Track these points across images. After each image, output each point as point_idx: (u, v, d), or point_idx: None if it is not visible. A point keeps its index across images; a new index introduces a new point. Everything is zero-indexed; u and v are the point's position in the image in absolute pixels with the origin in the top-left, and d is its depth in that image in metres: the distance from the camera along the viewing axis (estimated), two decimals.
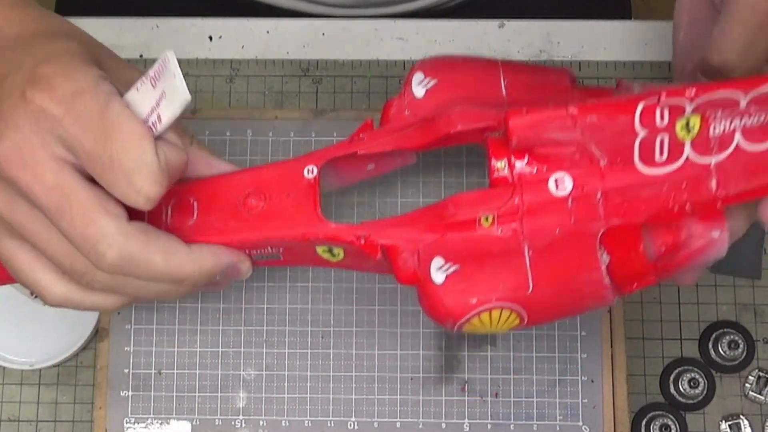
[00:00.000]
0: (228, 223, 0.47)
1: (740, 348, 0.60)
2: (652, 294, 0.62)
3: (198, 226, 0.47)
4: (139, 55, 0.65)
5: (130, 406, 0.59)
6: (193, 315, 0.60)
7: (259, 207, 0.48)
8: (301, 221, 0.47)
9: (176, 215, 0.48)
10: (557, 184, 0.44)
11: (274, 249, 0.49)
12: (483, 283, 0.44)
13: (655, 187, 0.44)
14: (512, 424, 0.58)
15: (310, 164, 0.48)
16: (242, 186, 0.49)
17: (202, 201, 0.48)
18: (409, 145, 0.48)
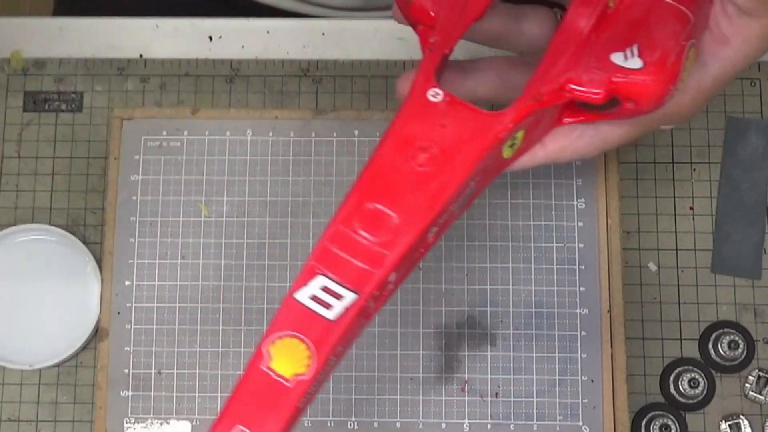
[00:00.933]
0: (425, 191, 0.42)
1: (740, 348, 0.60)
2: (652, 294, 0.62)
3: (401, 220, 0.42)
4: (139, 55, 0.65)
5: (130, 406, 0.59)
6: (193, 315, 0.60)
7: (430, 152, 0.43)
8: (478, 131, 0.43)
9: (374, 228, 0.43)
10: None
11: (471, 186, 0.44)
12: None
13: None
14: (512, 424, 0.58)
15: (429, 89, 0.44)
16: (395, 156, 0.43)
17: (385, 198, 0.43)
18: (478, 10, 0.45)
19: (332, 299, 0.42)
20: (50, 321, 0.61)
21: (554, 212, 0.61)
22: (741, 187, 0.63)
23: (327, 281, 0.42)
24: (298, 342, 0.41)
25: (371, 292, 0.42)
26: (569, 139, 0.47)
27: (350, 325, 0.41)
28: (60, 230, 0.62)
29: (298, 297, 0.42)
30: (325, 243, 0.42)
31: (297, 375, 0.41)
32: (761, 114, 0.64)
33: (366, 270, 0.42)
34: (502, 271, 0.60)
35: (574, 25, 0.44)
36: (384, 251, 0.42)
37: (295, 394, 0.41)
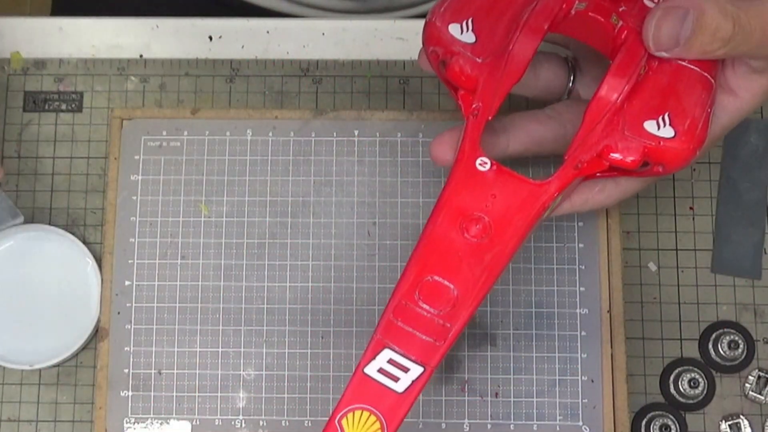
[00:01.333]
0: (480, 263, 0.44)
1: (740, 348, 0.60)
2: (652, 294, 0.62)
3: (460, 292, 0.45)
4: (139, 55, 0.65)
5: (130, 406, 0.59)
6: (193, 315, 0.60)
7: (483, 223, 0.45)
8: (527, 201, 0.45)
9: (434, 301, 0.45)
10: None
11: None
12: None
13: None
14: (512, 424, 0.58)
15: (477, 158, 0.45)
16: (449, 228, 0.45)
17: (443, 271, 0.44)
18: (517, 75, 0.46)
19: (399, 372, 0.44)
20: (50, 321, 0.61)
21: None
22: (741, 187, 0.63)
23: (393, 354, 0.44)
24: (369, 414, 0.43)
25: (436, 365, 0.44)
26: (592, 192, 0.50)
27: (417, 396, 0.43)
28: (60, 230, 0.62)
29: (367, 371, 0.44)
30: (389, 317, 0.44)
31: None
32: (761, 114, 0.64)
33: (431, 343, 0.44)
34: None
35: (609, 94, 0.46)
36: (446, 324, 0.44)
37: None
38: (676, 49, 0.45)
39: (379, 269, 0.60)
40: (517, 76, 0.47)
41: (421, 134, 0.62)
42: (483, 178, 0.45)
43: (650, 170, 0.47)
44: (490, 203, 0.45)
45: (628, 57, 0.46)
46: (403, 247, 0.60)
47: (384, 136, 0.62)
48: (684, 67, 0.46)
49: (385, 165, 0.62)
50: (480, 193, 0.45)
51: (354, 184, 0.61)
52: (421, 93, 0.64)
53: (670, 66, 0.46)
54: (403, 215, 0.61)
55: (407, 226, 0.61)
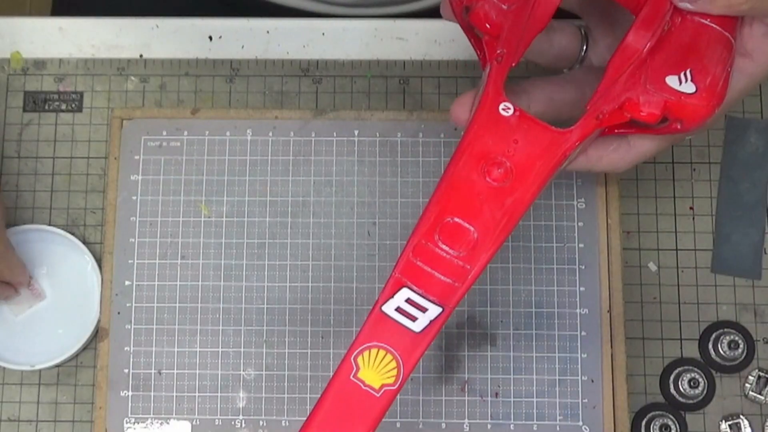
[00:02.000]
0: (501, 206, 0.44)
1: (740, 348, 0.60)
2: (652, 294, 0.62)
3: (480, 234, 0.44)
4: (139, 55, 0.65)
5: (130, 406, 0.59)
6: (193, 315, 0.60)
7: (504, 167, 0.45)
8: (549, 147, 0.45)
9: (454, 242, 0.44)
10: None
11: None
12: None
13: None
14: (512, 424, 0.58)
15: (500, 103, 0.45)
16: (471, 170, 0.45)
17: (463, 212, 0.44)
18: (542, 23, 0.46)
19: (417, 312, 0.43)
20: (50, 321, 0.61)
21: (554, 212, 0.61)
22: (741, 187, 0.63)
23: (412, 294, 0.43)
24: (385, 353, 0.43)
25: (455, 306, 0.43)
26: (606, 150, 0.50)
27: (434, 337, 0.43)
28: (60, 230, 0.62)
29: (385, 309, 0.43)
30: (408, 256, 0.44)
31: (385, 386, 0.43)
32: (761, 114, 0.64)
33: (450, 284, 0.44)
34: (502, 271, 0.60)
35: (634, 46, 0.46)
36: (466, 265, 0.44)
37: (382, 405, 0.42)
38: (701, 1, 0.46)
39: (379, 269, 0.60)
40: (542, 25, 0.47)
41: (421, 134, 0.62)
42: (506, 122, 0.45)
43: (668, 127, 0.47)
44: (512, 148, 0.45)
45: (654, 10, 0.46)
46: (402, 247, 0.60)
47: (384, 136, 0.62)
48: (706, 25, 0.46)
49: (385, 165, 0.62)
50: (502, 138, 0.45)
51: (354, 184, 0.61)
52: (421, 93, 0.64)
53: (693, 23, 0.47)
54: (403, 215, 0.61)
55: (407, 226, 0.61)
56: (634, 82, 0.46)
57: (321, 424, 0.43)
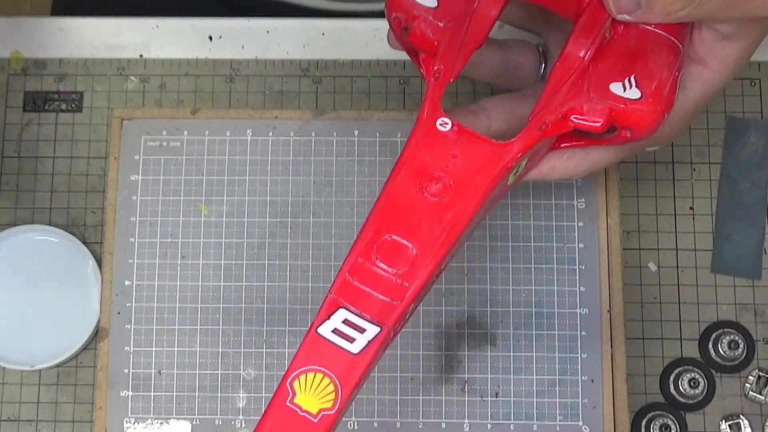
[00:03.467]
0: (440, 222, 0.43)
1: (740, 348, 0.60)
2: (652, 294, 0.62)
3: (419, 251, 0.43)
4: (139, 54, 0.65)
5: (130, 406, 0.59)
6: (193, 315, 0.60)
7: (443, 182, 0.44)
8: (488, 161, 0.44)
9: (392, 260, 0.43)
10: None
11: (480, 213, 0.45)
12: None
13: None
14: (512, 424, 0.58)
15: (437, 118, 0.45)
16: (408, 186, 0.44)
17: (401, 229, 0.43)
18: (479, 39, 0.46)
19: (355, 332, 0.42)
20: (50, 321, 0.61)
21: (554, 212, 0.61)
22: (741, 187, 0.63)
23: (349, 314, 0.42)
24: (322, 376, 0.42)
25: (393, 325, 0.42)
26: (560, 160, 0.49)
27: (373, 358, 0.42)
28: (60, 230, 0.62)
29: (321, 331, 0.42)
30: (345, 275, 0.43)
31: (322, 410, 0.41)
32: (761, 114, 0.64)
33: (387, 302, 0.42)
34: (502, 271, 0.60)
35: (573, 54, 0.46)
36: (404, 283, 0.43)
37: (320, 430, 0.41)
38: (638, 11, 0.44)
39: None
40: (480, 40, 0.46)
41: None
42: (444, 138, 0.44)
43: (618, 136, 0.46)
44: (451, 163, 0.44)
45: (592, 19, 0.46)
46: None
47: (384, 136, 0.62)
48: (650, 31, 0.46)
49: (385, 165, 0.62)
50: (440, 153, 0.44)
51: (354, 184, 0.61)
52: (421, 93, 0.64)
53: (636, 30, 0.46)
54: None
55: None
56: (577, 91, 0.45)
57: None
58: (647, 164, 0.64)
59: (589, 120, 0.45)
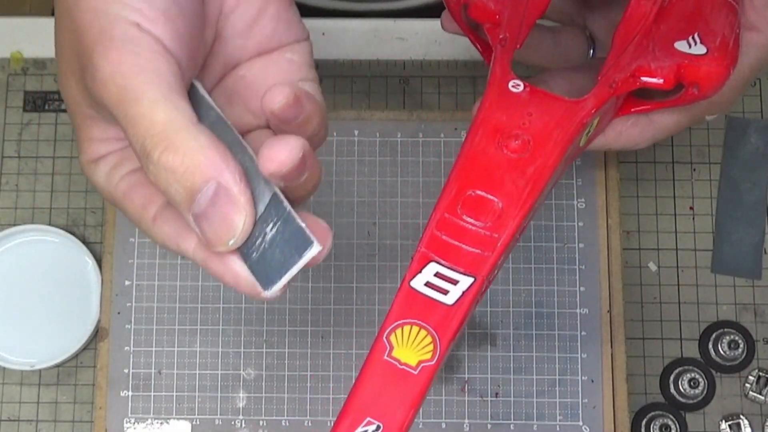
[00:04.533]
0: (523, 176, 0.43)
1: (740, 348, 0.60)
2: (652, 294, 0.62)
3: (505, 204, 0.43)
4: None
5: (130, 406, 0.59)
6: (193, 315, 0.60)
7: (521, 139, 0.44)
8: (565, 117, 0.44)
9: (479, 214, 0.43)
10: None
11: (559, 169, 0.45)
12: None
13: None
14: (512, 424, 0.58)
15: (509, 81, 0.45)
16: (487, 144, 0.44)
17: (485, 184, 0.43)
18: (541, 8, 0.47)
19: (448, 285, 0.42)
20: (50, 321, 0.61)
21: (554, 212, 0.61)
22: (741, 187, 0.63)
23: (440, 267, 0.42)
24: (419, 329, 0.41)
25: (486, 275, 0.42)
26: (625, 126, 0.50)
27: (468, 308, 0.42)
28: (60, 230, 0.62)
29: (414, 285, 0.42)
30: (432, 231, 0.43)
31: (422, 362, 0.41)
32: (761, 114, 0.64)
33: (478, 254, 0.42)
34: (502, 271, 0.60)
35: (637, 14, 0.46)
36: (493, 234, 0.42)
37: (421, 381, 0.41)
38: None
39: (379, 269, 0.60)
40: (541, 9, 0.47)
41: (421, 134, 0.62)
42: (517, 98, 0.45)
43: (684, 95, 0.47)
44: (527, 121, 0.44)
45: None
46: (403, 247, 0.60)
47: (384, 136, 0.62)
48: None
49: (385, 165, 0.62)
50: (515, 112, 0.45)
51: (354, 184, 0.61)
52: (421, 93, 0.64)
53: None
54: (403, 215, 0.61)
55: (407, 226, 0.61)
56: (643, 50, 0.46)
57: (362, 409, 0.41)
58: (647, 164, 0.64)
59: (657, 76, 0.45)
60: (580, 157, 0.60)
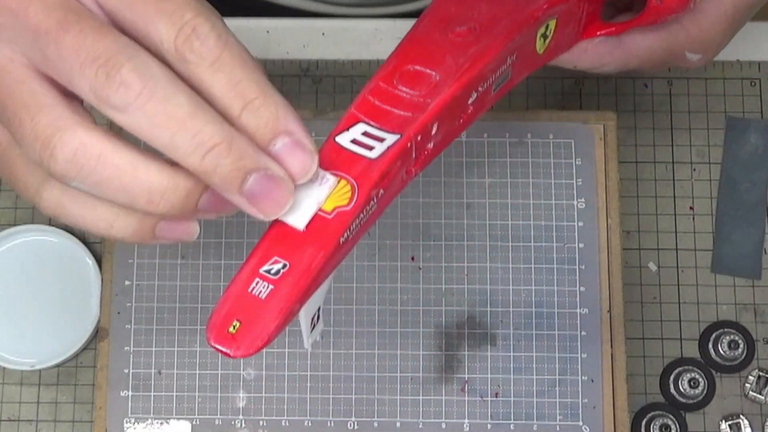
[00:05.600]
0: (464, 54, 0.42)
1: (740, 348, 0.60)
2: (652, 294, 0.62)
3: (442, 77, 0.42)
4: None
5: (130, 406, 0.59)
6: (193, 315, 0.60)
7: (468, 26, 0.43)
8: (515, 8, 0.44)
9: (415, 85, 0.42)
10: None
11: (508, 63, 0.45)
12: None
13: None
14: (512, 424, 0.58)
15: None
16: (433, 30, 0.43)
17: (425, 60, 0.42)
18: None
19: (374, 142, 0.41)
20: (50, 321, 0.61)
21: (554, 212, 0.61)
22: (741, 187, 0.63)
23: (368, 127, 0.41)
24: (338, 179, 0.40)
25: (414, 135, 0.41)
26: (591, 44, 0.49)
27: (391, 165, 0.40)
28: (60, 230, 0.62)
29: (339, 140, 0.41)
30: (365, 95, 0.42)
31: (337, 207, 0.39)
32: (761, 114, 0.64)
33: (408, 116, 0.41)
34: (502, 271, 0.60)
35: None
36: (427, 100, 0.41)
37: (335, 226, 0.39)
38: None
39: (379, 269, 0.60)
40: None
41: None
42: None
43: (648, 8, 0.46)
44: (476, 9, 0.44)
45: None
46: (403, 247, 0.60)
47: None
48: None
49: None
50: (466, 3, 0.44)
51: None
52: None
53: None
54: (403, 215, 0.61)
55: (407, 226, 0.61)
56: None
57: (270, 248, 0.40)
58: (647, 164, 0.64)
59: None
60: (580, 158, 0.61)
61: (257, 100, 0.39)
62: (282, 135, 0.38)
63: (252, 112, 0.38)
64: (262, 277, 0.40)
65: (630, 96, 0.65)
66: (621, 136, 0.63)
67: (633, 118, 0.64)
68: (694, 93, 0.65)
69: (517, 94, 0.65)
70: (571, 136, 0.61)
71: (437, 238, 0.60)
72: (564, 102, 0.65)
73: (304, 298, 0.39)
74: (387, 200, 0.42)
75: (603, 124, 0.61)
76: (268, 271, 0.40)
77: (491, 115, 0.62)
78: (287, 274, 0.39)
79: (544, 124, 0.61)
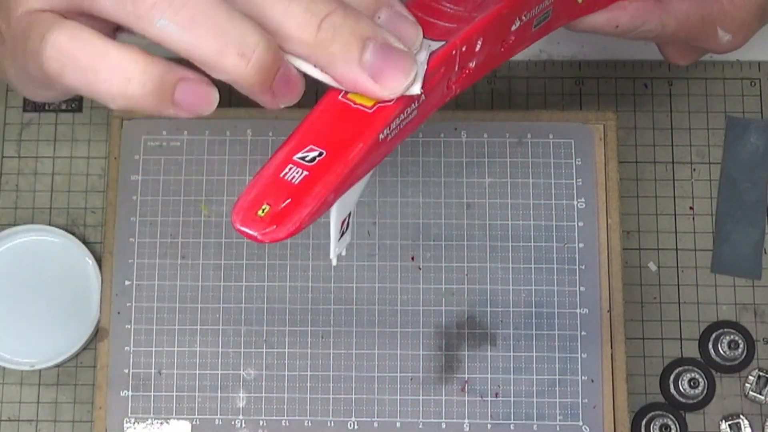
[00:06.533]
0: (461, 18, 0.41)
1: (740, 348, 0.60)
2: (652, 294, 0.62)
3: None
4: None
5: (130, 406, 0.59)
6: (193, 315, 0.60)
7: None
8: None
9: (458, 2, 0.41)
10: None
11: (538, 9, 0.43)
12: None
13: None
14: (512, 424, 0.58)
15: None
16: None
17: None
18: None
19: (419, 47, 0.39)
20: (50, 321, 0.61)
21: (554, 212, 0.61)
22: (741, 187, 0.63)
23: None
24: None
25: (459, 44, 0.39)
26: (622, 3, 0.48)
27: (435, 70, 0.39)
28: (60, 230, 0.62)
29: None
30: (409, 8, 0.40)
31: (378, 103, 0.37)
32: (761, 114, 0.64)
33: (453, 27, 0.40)
34: (502, 271, 0.60)
35: None
36: (472, 14, 0.40)
37: (376, 119, 0.37)
38: None
39: (379, 269, 0.60)
40: None
41: (421, 134, 0.62)
42: None
43: None
44: None
45: None
46: (402, 247, 0.60)
47: None
48: None
49: (384, 164, 0.62)
50: None
51: None
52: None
53: None
54: (403, 215, 0.61)
55: (407, 226, 0.61)
56: None
57: (305, 135, 0.38)
58: (647, 164, 0.64)
59: None
60: (580, 158, 0.61)
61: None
62: (385, 6, 0.37)
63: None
64: (296, 164, 0.37)
65: (630, 96, 0.65)
66: (621, 136, 0.63)
67: (633, 118, 0.64)
68: (694, 93, 0.65)
69: (517, 94, 0.65)
70: (571, 136, 0.61)
71: (437, 238, 0.60)
72: (564, 102, 0.65)
73: (340, 190, 0.37)
74: (427, 110, 0.39)
75: (603, 124, 0.61)
76: (302, 158, 0.37)
77: (491, 115, 0.62)
78: (324, 162, 0.36)
79: (544, 124, 0.61)
